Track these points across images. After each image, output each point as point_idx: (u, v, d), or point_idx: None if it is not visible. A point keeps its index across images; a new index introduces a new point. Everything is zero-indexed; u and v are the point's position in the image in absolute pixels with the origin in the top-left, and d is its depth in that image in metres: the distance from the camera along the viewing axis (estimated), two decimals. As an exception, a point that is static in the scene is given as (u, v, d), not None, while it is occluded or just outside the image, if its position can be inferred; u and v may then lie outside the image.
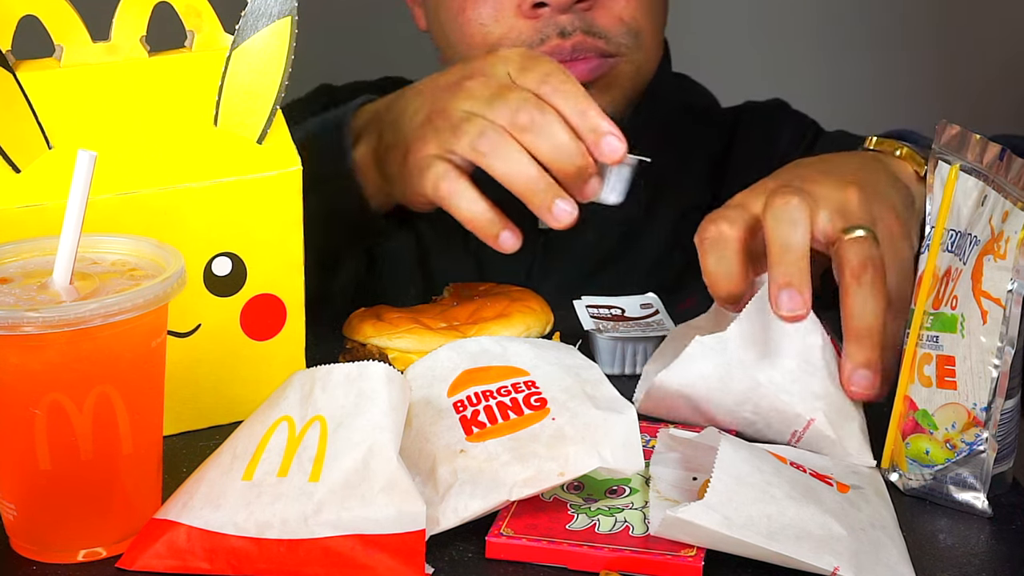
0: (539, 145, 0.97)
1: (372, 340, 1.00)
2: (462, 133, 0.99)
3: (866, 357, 0.87)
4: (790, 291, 0.86)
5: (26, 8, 0.90)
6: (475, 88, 1.01)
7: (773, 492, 0.77)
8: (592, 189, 0.99)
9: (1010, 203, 0.80)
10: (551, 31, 1.18)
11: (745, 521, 0.75)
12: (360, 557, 0.75)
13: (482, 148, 0.98)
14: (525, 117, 0.98)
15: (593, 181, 0.99)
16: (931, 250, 0.86)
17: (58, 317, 0.73)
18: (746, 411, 0.91)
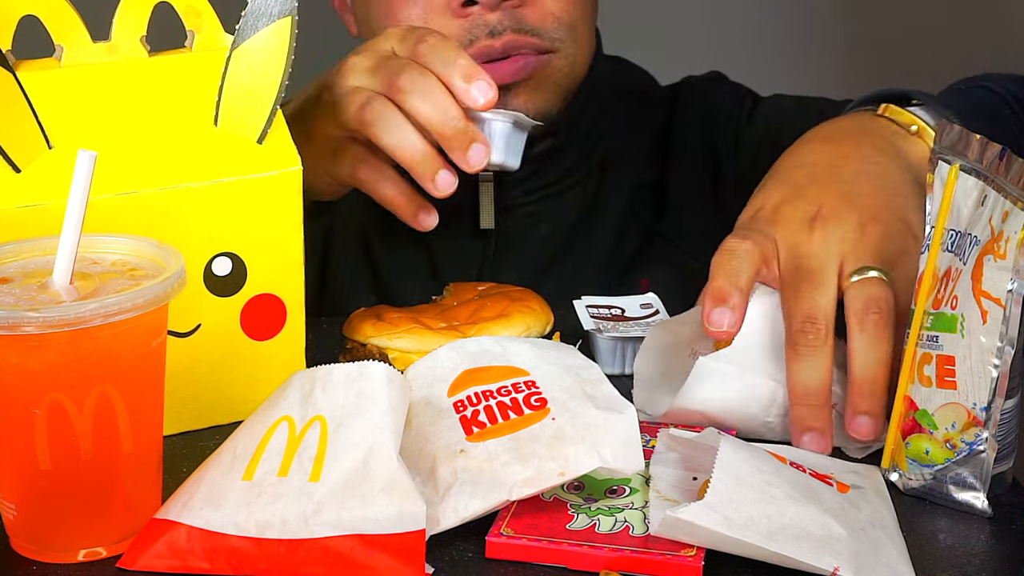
0: (418, 106, 1.00)
1: (372, 340, 1.00)
2: (348, 104, 1.02)
3: (867, 406, 0.88)
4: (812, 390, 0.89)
5: (26, 8, 0.90)
6: (358, 62, 1.05)
7: (773, 492, 0.77)
8: (477, 155, 1.00)
9: (1010, 203, 0.80)
10: (480, 32, 1.17)
11: (745, 521, 0.75)
12: (360, 557, 0.75)
13: (367, 117, 1.01)
14: (404, 80, 1.00)
15: (477, 147, 1.00)
16: (931, 250, 0.86)
17: (58, 317, 0.73)
18: (772, 416, 0.91)
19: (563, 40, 1.20)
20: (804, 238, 0.91)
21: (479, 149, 1.00)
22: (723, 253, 0.91)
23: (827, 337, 0.88)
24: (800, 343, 0.89)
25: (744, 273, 0.90)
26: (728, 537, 0.75)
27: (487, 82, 0.99)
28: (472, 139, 1.00)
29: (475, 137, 1.00)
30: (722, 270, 0.91)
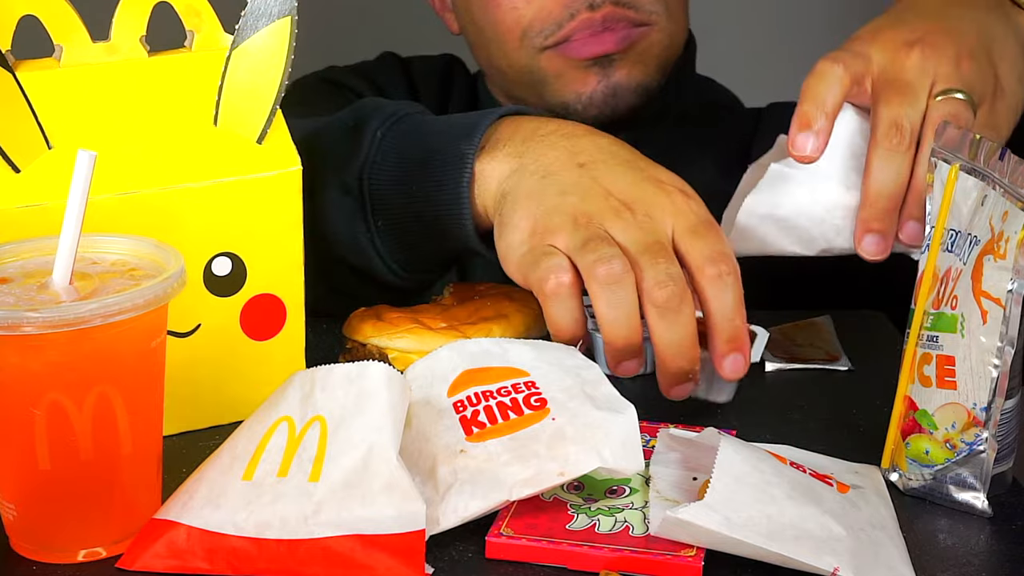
0: (659, 330, 0.89)
1: (372, 340, 1.00)
2: (593, 252, 0.89)
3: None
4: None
5: (26, 8, 0.90)
6: (631, 221, 0.91)
7: (773, 492, 0.77)
8: (680, 391, 0.92)
9: (1010, 203, 0.80)
10: (580, 5, 1.20)
11: (745, 521, 0.75)
12: (360, 557, 0.75)
13: (603, 280, 0.88)
14: (663, 294, 0.88)
15: (686, 385, 0.91)
16: (931, 250, 0.86)
17: (58, 317, 0.73)
18: (837, 217, 0.95)
19: (659, 13, 1.23)
20: (901, 56, 0.96)
21: (687, 387, 0.91)
22: (813, 76, 0.95)
23: (910, 145, 0.93)
24: (883, 145, 0.93)
25: (831, 97, 0.94)
26: (728, 537, 0.75)
27: (745, 357, 0.91)
28: (689, 381, 0.91)
29: (695, 380, 0.91)
30: (810, 94, 0.95)
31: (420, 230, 1.05)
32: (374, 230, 1.06)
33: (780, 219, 0.97)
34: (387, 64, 1.45)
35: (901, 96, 0.95)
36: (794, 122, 0.95)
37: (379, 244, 1.06)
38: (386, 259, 1.07)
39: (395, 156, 1.05)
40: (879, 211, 0.94)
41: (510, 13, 1.23)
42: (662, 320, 0.88)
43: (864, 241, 0.95)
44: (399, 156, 1.04)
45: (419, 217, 1.04)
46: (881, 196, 0.94)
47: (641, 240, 0.89)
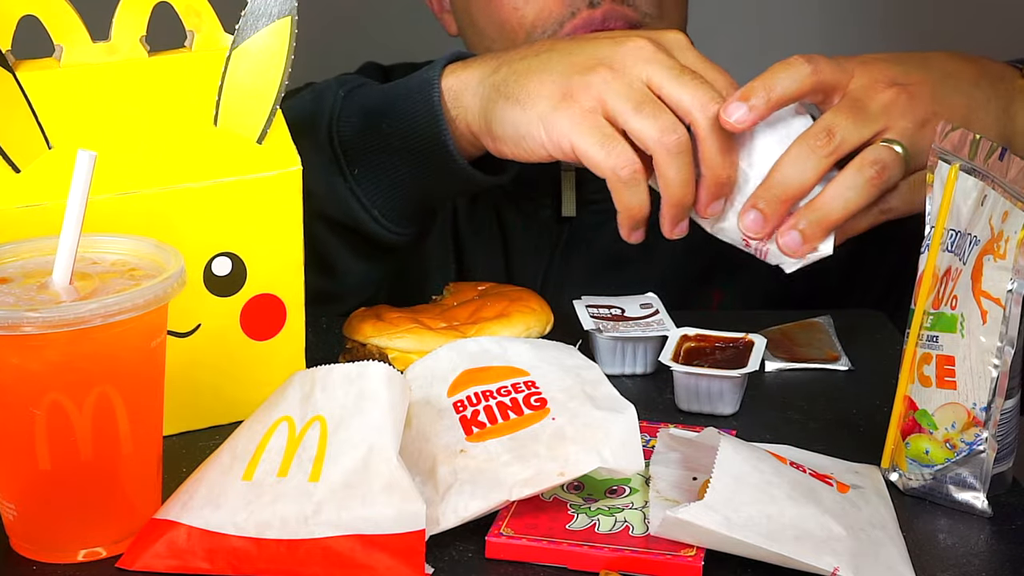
0: (705, 145, 0.97)
1: (372, 340, 1.00)
2: (654, 120, 0.97)
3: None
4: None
5: (26, 8, 0.90)
6: (650, 53, 1.00)
7: (773, 492, 0.77)
8: (716, 208, 0.99)
9: (1010, 203, 0.80)
10: (580, 3, 1.20)
11: (745, 521, 0.75)
12: (360, 557, 0.75)
13: (673, 150, 0.97)
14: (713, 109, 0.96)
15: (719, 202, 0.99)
16: (931, 250, 0.86)
17: (58, 317, 0.73)
18: (736, 200, 0.98)
19: (652, 15, 1.23)
20: (878, 88, 0.97)
21: (719, 206, 1.00)
22: (781, 62, 0.98)
23: (830, 155, 0.95)
24: (807, 141, 0.96)
25: (783, 87, 0.96)
26: (728, 537, 0.75)
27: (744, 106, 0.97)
28: (722, 195, 0.99)
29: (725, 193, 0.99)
30: (768, 74, 0.97)
31: (399, 166, 1.08)
32: (351, 180, 1.09)
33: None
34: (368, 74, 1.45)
35: (852, 116, 0.96)
36: (738, 91, 0.96)
37: (359, 193, 1.09)
38: (368, 207, 1.09)
39: (359, 108, 1.10)
40: (771, 196, 0.96)
41: (511, 13, 1.23)
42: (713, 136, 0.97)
43: (746, 216, 0.97)
44: (363, 107, 1.10)
45: (395, 152, 1.07)
46: (779, 184, 0.96)
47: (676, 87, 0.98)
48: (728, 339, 1.00)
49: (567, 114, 0.99)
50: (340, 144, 1.09)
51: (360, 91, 1.13)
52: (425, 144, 1.06)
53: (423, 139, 1.06)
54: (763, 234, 0.97)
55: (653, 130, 0.96)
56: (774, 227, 0.97)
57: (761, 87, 0.96)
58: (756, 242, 0.99)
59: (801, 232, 0.96)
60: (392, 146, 1.08)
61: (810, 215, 0.96)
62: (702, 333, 1.00)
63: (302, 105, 1.12)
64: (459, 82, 1.06)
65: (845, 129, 0.96)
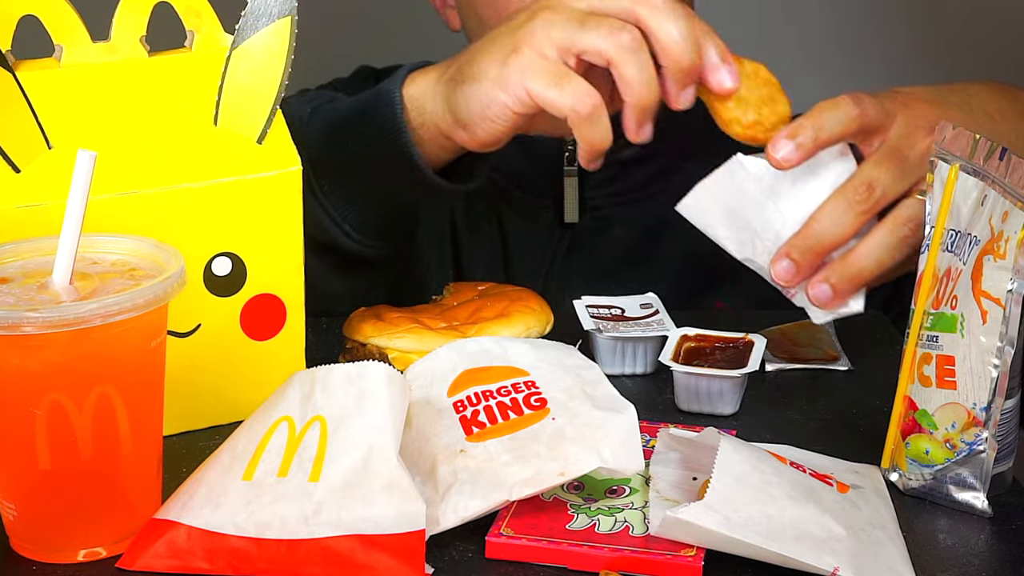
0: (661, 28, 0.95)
1: (372, 340, 1.00)
2: (599, 26, 0.96)
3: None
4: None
5: (26, 8, 0.90)
6: None
7: (773, 492, 0.77)
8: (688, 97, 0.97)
9: (1010, 203, 0.80)
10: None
11: (745, 521, 0.75)
12: (360, 557, 0.75)
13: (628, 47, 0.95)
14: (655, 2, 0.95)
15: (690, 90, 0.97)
16: (931, 250, 0.86)
17: (58, 317, 0.73)
18: (767, 239, 0.95)
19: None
20: (919, 136, 0.95)
21: (691, 92, 0.98)
22: (829, 101, 0.95)
23: (869, 210, 0.94)
24: (847, 194, 0.94)
25: (830, 127, 0.94)
26: (728, 537, 0.75)
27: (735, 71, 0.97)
28: (693, 80, 0.97)
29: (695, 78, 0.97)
30: (816, 112, 0.95)
31: (366, 179, 1.08)
32: (320, 194, 1.09)
33: (723, 210, 0.97)
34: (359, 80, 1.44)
35: (892, 168, 0.95)
36: (785, 128, 0.95)
37: (330, 209, 1.09)
38: (339, 222, 1.09)
39: (324, 124, 1.10)
40: (806, 246, 0.94)
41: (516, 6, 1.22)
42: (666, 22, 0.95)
43: (779, 263, 0.95)
44: (328, 123, 1.10)
45: (361, 166, 1.07)
46: (814, 236, 0.94)
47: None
48: (728, 339, 1.00)
49: (516, 64, 0.97)
50: (308, 161, 1.07)
51: (326, 107, 1.13)
52: (389, 156, 1.06)
53: (387, 151, 1.06)
54: (794, 283, 0.95)
55: (601, 35, 0.95)
56: (805, 277, 0.95)
57: (809, 126, 0.94)
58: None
59: (832, 286, 0.94)
60: (358, 160, 1.08)
61: (842, 270, 0.94)
62: (702, 333, 1.00)
63: None
64: (419, 89, 1.06)
65: (885, 183, 0.94)
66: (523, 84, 0.97)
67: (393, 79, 1.07)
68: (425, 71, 1.07)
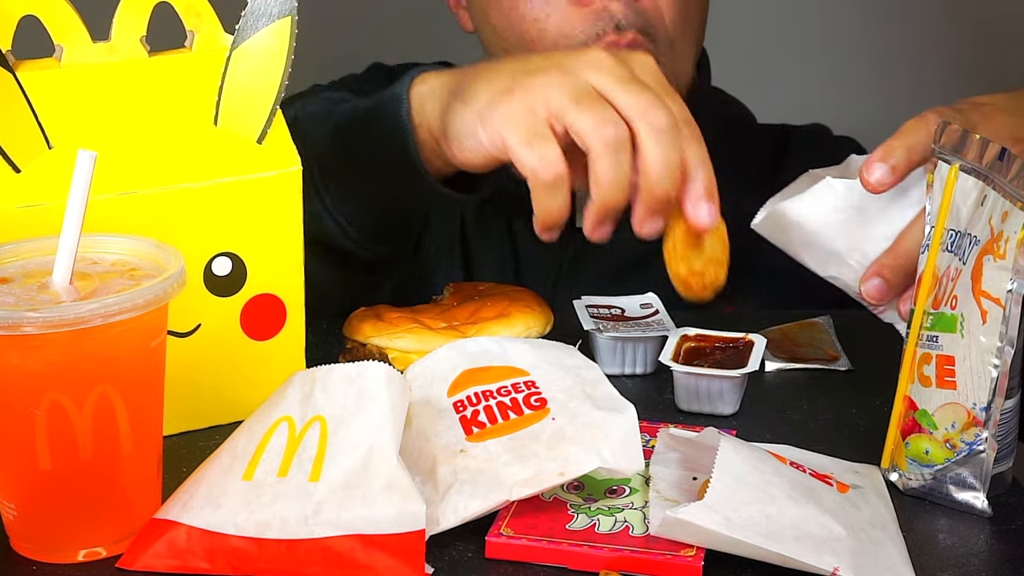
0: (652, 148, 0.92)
1: (372, 340, 1.00)
2: (585, 107, 0.93)
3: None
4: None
5: (26, 8, 0.90)
6: (607, 63, 0.96)
7: (773, 492, 0.77)
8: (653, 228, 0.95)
9: (1010, 203, 0.80)
10: (607, 25, 1.19)
11: (745, 521, 0.75)
12: (360, 557, 0.75)
13: (611, 143, 0.92)
14: (656, 117, 0.93)
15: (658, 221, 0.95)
16: (931, 250, 0.86)
17: (58, 317, 0.73)
18: (853, 259, 0.95)
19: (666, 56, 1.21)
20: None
21: (659, 223, 0.95)
22: (917, 119, 0.94)
23: None
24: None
25: (921, 149, 0.93)
26: (728, 537, 0.75)
27: (714, 212, 0.95)
28: (664, 212, 0.94)
29: (666, 211, 0.95)
30: (905, 132, 0.94)
31: (369, 182, 1.07)
32: (324, 195, 1.08)
33: (806, 231, 0.97)
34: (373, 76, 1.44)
35: None
36: (878, 149, 0.93)
37: (332, 208, 1.08)
38: (341, 223, 1.09)
39: (332, 124, 1.09)
40: (898, 266, 0.94)
41: (531, 25, 1.21)
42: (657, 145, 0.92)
43: (869, 282, 0.94)
44: (336, 123, 1.09)
45: (365, 168, 1.06)
46: (907, 254, 0.93)
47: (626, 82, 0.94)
48: (728, 339, 1.00)
49: (503, 109, 0.96)
50: (315, 160, 1.08)
51: (337, 108, 1.12)
52: (392, 158, 1.05)
53: (390, 153, 1.05)
54: (885, 301, 0.95)
55: (589, 121, 0.92)
56: (896, 295, 0.94)
57: (901, 147, 0.93)
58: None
59: (882, 277, 0.94)
60: (362, 161, 1.07)
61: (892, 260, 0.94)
62: (702, 333, 1.00)
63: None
64: (426, 87, 1.05)
65: None
66: (500, 131, 0.96)
67: (403, 80, 1.07)
68: (438, 73, 1.06)
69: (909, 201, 0.95)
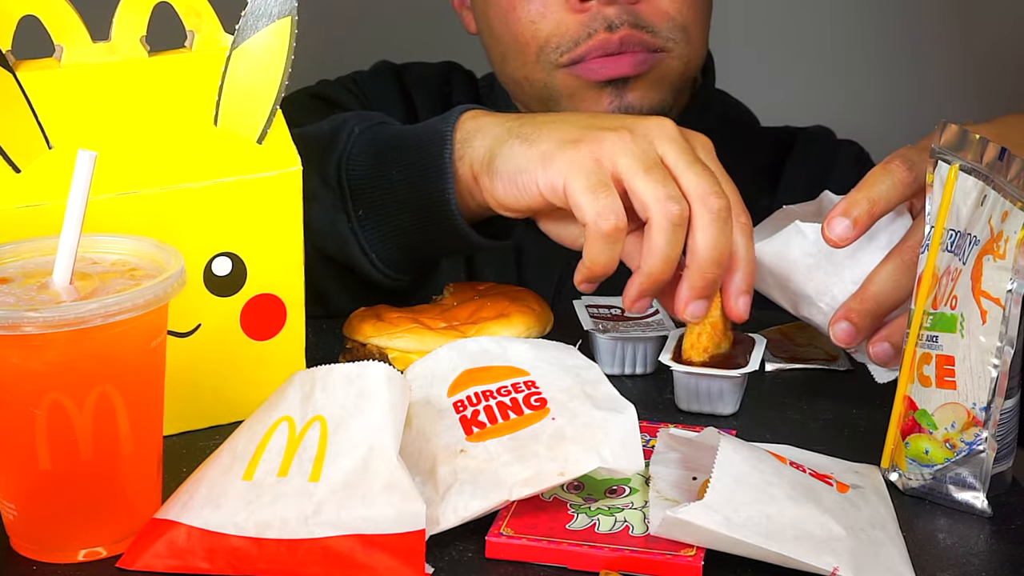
0: (706, 232, 0.93)
1: (372, 340, 1.00)
2: (654, 177, 0.93)
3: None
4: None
5: (26, 8, 0.90)
6: (674, 135, 0.96)
7: (773, 492, 0.77)
8: (695, 311, 0.95)
9: (1010, 203, 0.81)
10: (598, 25, 1.19)
11: (745, 521, 0.75)
12: (360, 557, 0.75)
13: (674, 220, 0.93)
14: (716, 204, 0.93)
15: (701, 305, 0.95)
16: (931, 250, 0.86)
17: (58, 317, 0.73)
18: (823, 302, 0.95)
19: (676, 40, 1.22)
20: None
21: (702, 307, 0.95)
22: (881, 169, 0.94)
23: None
24: (903, 256, 0.92)
25: (884, 199, 0.93)
26: (728, 537, 0.75)
27: (746, 310, 0.96)
28: (707, 296, 0.94)
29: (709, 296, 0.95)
30: (868, 184, 0.93)
31: (402, 215, 1.06)
32: (355, 220, 1.07)
33: (777, 274, 0.97)
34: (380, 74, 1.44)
35: None
36: (840, 204, 0.93)
37: (360, 234, 1.07)
38: (367, 250, 1.08)
39: (372, 148, 1.08)
40: (865, 309, 0.93)
41: (527, 27, 1.22)
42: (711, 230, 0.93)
43: (837, 326, 0.94)
44: (375, 147, 1.08)
45: (400, 200, 1.05)
46: (874, 298, 0.93)
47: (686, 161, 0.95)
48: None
49: (570, 155, 0.96)
50: (348, 183, 1.07)
51: (375, 130, 1.10)
52: (429, 198, 1.04)
53: (427, 192, 1.04)
54: (854, 344, 0.94)
55: (658, 193, 0.92)
56: (865, 338, 0.94)
57: (864, 199, 0.92)
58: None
59: (893, 345, 0.93)
60: (398, 194, 1.06)
61: (903, 330, 0.91)
62: None
63: (319, 133, 1.11)
64: (476, 124, 1.03)
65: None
66: (564, 176, 0.95)
67: (447, 117, 1.05)
68: (492, 113, 1.05)
69: (878, 244, 0.95)
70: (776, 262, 0.97)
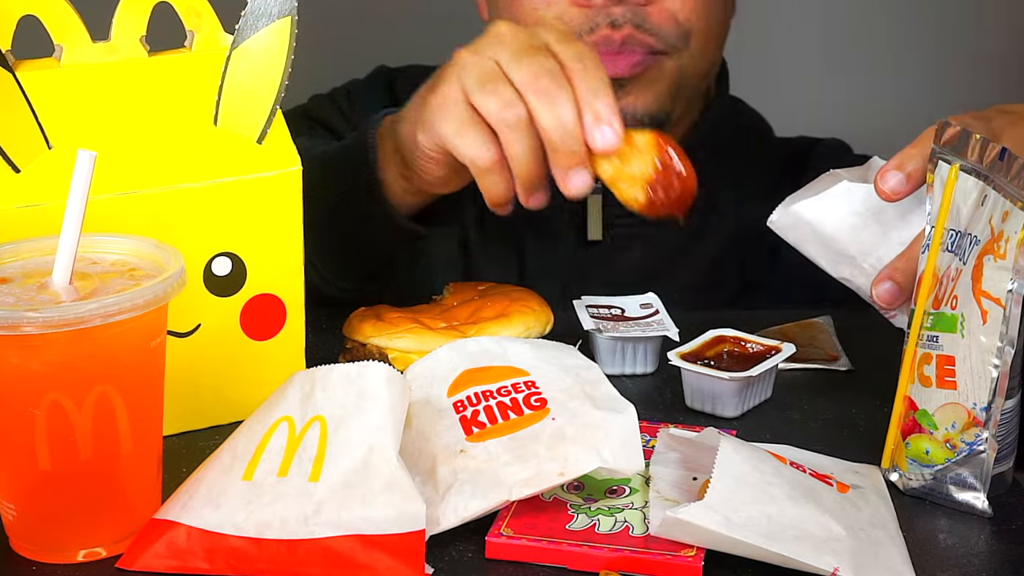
0: (546, 114, 0.96)
1: (372, 340, 1.00)
2: (488, 90, 0.97)
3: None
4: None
5: (26, 8, 0.90)
6: (509, 35, 1.00)
7: (773, 492, 0.77)
8: (578, 181, 0.97)
9: (1010, 203, 0.80)
10: (602, 20, 1.19)
11: (745, 521, 0.75)
12: (360, 557, 0.75)
13: (492, 105, 0.96)
14: (545, 83, 0.96)
15: (580, 173, 0.96)
16: (931, 250, 0.86)
17: (58, 317, 0.73)
18: (867, 263, 0.95)
19: (677, 45, 1.22)
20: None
21: (582, 176, 0.97)
22: (934, 127, 0.93)
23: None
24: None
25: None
26: (728, 537, 0.75)
27: (614, 131, 0.96)
28: (580, 163, 0.97)
29: (583, 162, 0.97)
30: (925, 140, 0.93)
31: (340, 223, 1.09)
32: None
33: (820, 232, 0.97)
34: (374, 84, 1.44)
35: None
36: (894, 157, 0.93)
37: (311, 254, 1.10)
38: (320, 269, 1.10)
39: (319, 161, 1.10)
40: (911, 270, 0.92)
41: (530, 14, 1.22)
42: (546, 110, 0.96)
43: (881, 286, 0.94)
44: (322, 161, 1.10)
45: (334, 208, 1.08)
46: (918, 258, 0.91)
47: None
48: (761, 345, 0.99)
49: (431, 104, 0.99)
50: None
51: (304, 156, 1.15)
52: (361, 194, 1.08)
53: (353, 179, 1.08)
54: (896, 305, 0.94)
55: (494, 106, 0.96)
56: (907, 299, 0.93)
57: (917, 155, 0.92)
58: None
59: (896, 283, 0.93)
60: (327, 195, 1.08)
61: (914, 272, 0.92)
62: (739, 336, 1.00)
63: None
64: (385, 128, 1.08)
65: None
66: (435, 128, 0.99)
67: (370, 123, 1.10)
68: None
69: (920, 203, 0.94)
70: (821, 219, 0.97)
